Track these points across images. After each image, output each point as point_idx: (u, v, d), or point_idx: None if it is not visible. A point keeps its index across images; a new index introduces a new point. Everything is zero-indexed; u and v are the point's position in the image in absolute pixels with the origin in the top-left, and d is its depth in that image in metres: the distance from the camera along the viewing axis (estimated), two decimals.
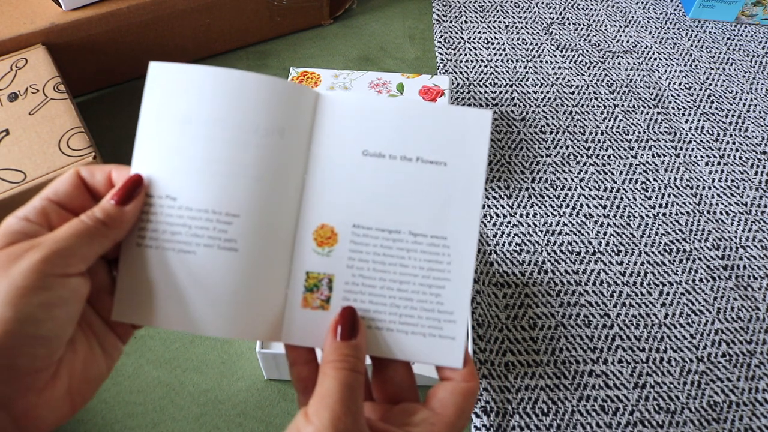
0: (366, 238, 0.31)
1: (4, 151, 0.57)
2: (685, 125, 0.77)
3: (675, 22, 0.89)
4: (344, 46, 0.84)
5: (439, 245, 0.31)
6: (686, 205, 0.69)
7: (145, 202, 0.29)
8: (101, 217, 0.27)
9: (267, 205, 0.30)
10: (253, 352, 0.57)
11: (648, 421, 0.55)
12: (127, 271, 0.29)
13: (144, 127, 0.30)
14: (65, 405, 0.27)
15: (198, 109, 0.29)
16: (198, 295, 0.29)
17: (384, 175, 0.31)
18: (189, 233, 0.29)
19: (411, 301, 0.31)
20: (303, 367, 0.31)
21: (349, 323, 0.30)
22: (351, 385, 0.27)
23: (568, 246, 0.65)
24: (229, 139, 0.29)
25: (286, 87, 0.30)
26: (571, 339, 0.59)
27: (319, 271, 0.31)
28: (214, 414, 0.53)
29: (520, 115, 0.77)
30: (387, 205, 0.31)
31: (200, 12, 0.74)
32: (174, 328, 0.29)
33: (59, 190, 0.28)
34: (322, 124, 0.32)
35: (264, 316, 0.30)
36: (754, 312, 0.62)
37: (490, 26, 0.87)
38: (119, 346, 0.30)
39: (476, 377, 0.30)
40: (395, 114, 0.32)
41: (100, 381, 0.29)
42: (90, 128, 0.65)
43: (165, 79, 0.30)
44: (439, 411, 0.29)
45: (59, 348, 0.26)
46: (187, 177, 0.29)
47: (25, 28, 0.66)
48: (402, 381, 0.31)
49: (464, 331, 0.31)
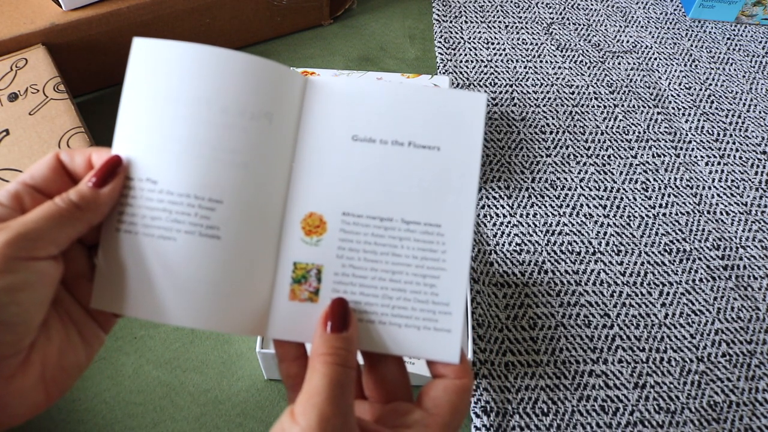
0: (356, 226, 0.30)
1: (4, 151, 0.57)
2: (685, 125, 0.77)
3: (675, 22, 0.89)
4: (344, 46, 0.84)
5: (434, 233, 0.30)
6: (686, 205, 0.69)
7: (124, 184, 0.28)
8: (75, 200, 0.26)
9: (252, 192, 0.29)
10: (253, 352, 0.57)
11: (648, 421, 0.55)
12: (106, 257, 0.28)
13: (125, 106, 0.28)
14: (38, 394, 0.26)
15: (182, 88, 0.28)
16: (177, 285, 0.28)
17: (375, 161, 0.30)
18: (169, 219, 0.27)
19: (404, 292, 0.29)
20: (292, 363, 0.30)
21: (340, 315, 0.28)
22: (341, 382, 0.26)
23: (568, 246, 0.65)
24: (214, 121, 0.28)
25: (274, 69, 0.29)
26: (571, 339, 0.59)
27: (307, 262, 0.30)
28: (214, 414, 0.53)
29: (520, 115, 0.77)
30: (378, 192, 0.30)
31: (200, 12, 0.74)
32: (150, 318, 0.28)
33: (36, 174, 0.27)
34: (311, 109, 0.30)
35: (248, 309, 0.29)
36: (754, 312, 0.62)
37: (490, 26, 0.87)
38: (100, 335, 0.29)
39: (470, 373, 0.29)
40: (386, 97, 0.30)
41: (79, 370, 0.28)
42: (90, 128, 0.65)
43: (149, 56, 0.28)
44: (433, 411, 0.28)
45: (27, 334, 0.25)
46: (168, 160, 0.28)
47: (25, 28, 0.66)
48: (394, 378, 0.30)
49: (461, 324, 0.30)
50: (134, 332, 0.57)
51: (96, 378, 0.55)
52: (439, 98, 0.30)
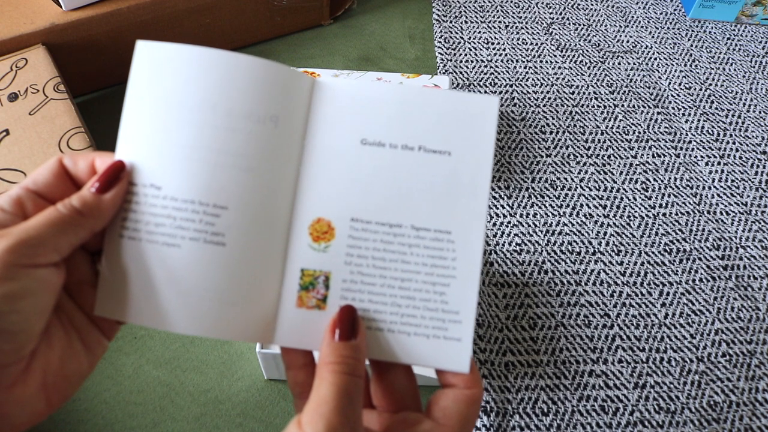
0: (365, 232, 0.29)
1: (4, 151, 0.57)
2: (685, 125, 0.77)
3: (675, 22, 0.89)
4: (344, 46, 0.84)
5: (444, 240, 0.29)
6: (686, 205, 0.69)
7: (128, 190, 0.27)
8: (77, 206, 0.26)
9: (258, 198, 0.28)
10: (253, 352, 0.57)
11: (648, 421, 0.55)
12: (109, 263, 0.28)
13: (129, 110, 0.28)
14: (40, 402, 0.25)
15: (186, 92, 0.27)
16: (181, 292, 0.27)
17: (384, 166, 0.29)
18: (174, 225, 0.27)
19: (413, 300, 0.29)
20: (299, 371, 0.29)
21: (348, 323, 0.28)
22: (349, 392, 0.25)
23: (568, 246, 0.65)
24: (218, 126, 0.27)
25: (281, 71, 0.29)
26: (571, 339, 0.59)
27: (315, 268, 0.29)
28: (214, 414, 0.53)
29: (520, 115, 0.77)
30: (387, 198, 0.29)
31: (200, 12, 0.74)
32: (155, 326, 0.27)
33: (38, 179, 0.27)
34: (319, 112, 0.30)
35: (255, 316, 0.28)
36: (754, 312, 0.62)
37: (490, 26, 0.87)
38: (103, 341, 0.28)
39: (480, 383, 0.29)
40: (396, 101, 0.30)
41: (81, 378, 0.27)
42: (90, 128, 0.65)
43: (152, 59, 0.28)
44: (443, 421, 0.27)
45: (28, 342, 0.24)
46: (172, 165, 0.27)
47: (25, 28, 0.66)
48: (403, 387, 0.30)
49: (471, 333, 0.29)
50: (134, 332, 0.57)
51: (96, 378, 0.55)
52: (451, 102, 0.30)
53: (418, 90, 0.30)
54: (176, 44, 0.28)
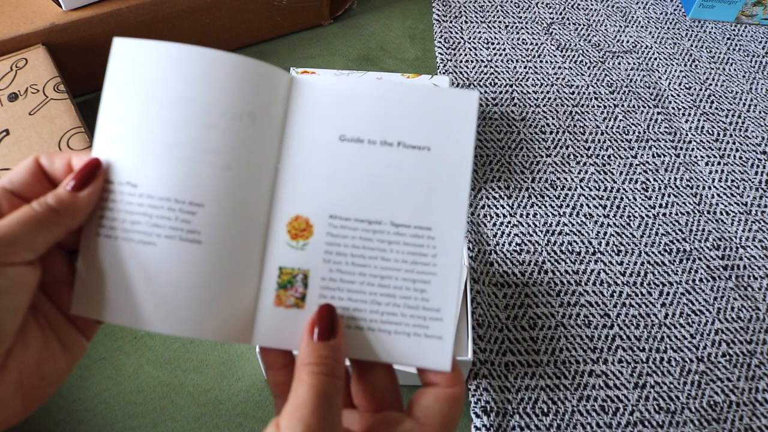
0: (344, 229, 0.29)
1: (4, 151, 0.57)
2: (685, 125, 0.77)
3: (675, 22, 0.89)
4: (344, 46, 0.84)
5: (424, 236, 0.29)
6: (686, 205, 0.69)
7: (104, 188, 0.27)
8: (53, 204, 0.26)
9: (235, 195, 0.28)
10: (253, 352, 0.57)
11: (648, 421, 0.55)
12: (86, 262, 0.27)
13: (105, 108, 0.28)
14: (15, 402, 0.25)
15: (162, 89, 0.27)
16: (157, 291, 0.27)
17: (363, 162, 0.29)
18: (149, 223, 0.27)
19: (394, 298, 0.28)
20: (279, 372, 0.29)
21: (327, 322, 0.27)
22: (328, 393, 0.25)
23: (568, 246, 0.65)
24: (195, 123, 0.27)
25: (258, 68, 0.28)
26: (571, 339, 0.59)
27: (293, 266, 0.29)
28: (214, 414, 0.53)
29: (520, 115, 0.77)
30: (366, 194, 0.29)
31: (200, 12, 0.74)
32: (132, 325, 0.27)
33: (14, 178, 0.26)
34: (297, 109, 0.29)
35: (232, 316, 0.28)
36: (754, 312, 0.62)
37: (490, 26, 0.87)
38: (82, 341, 0.28)
39: (462, 381, 0.28)
40: (374, 96, 0.29)
41: (59, 378, 0.27)
42: (90, 128, 0.65)
43: (129, 56, 0.28)
44: (424, 421, 0.27)
45: (2, 342, 0.24)
46: (148, 162, 0.27)
47: (25, 28, 0.66)
48: (384, 387, 0.29)
49: (452, 330, 0.28)
50: (134, 332, 0.57)
51: (96, 378, 0.55)
52: (430, 97, 0.29)
53: (397, 85, 0.30)
54: (153, 41, 0.28)
